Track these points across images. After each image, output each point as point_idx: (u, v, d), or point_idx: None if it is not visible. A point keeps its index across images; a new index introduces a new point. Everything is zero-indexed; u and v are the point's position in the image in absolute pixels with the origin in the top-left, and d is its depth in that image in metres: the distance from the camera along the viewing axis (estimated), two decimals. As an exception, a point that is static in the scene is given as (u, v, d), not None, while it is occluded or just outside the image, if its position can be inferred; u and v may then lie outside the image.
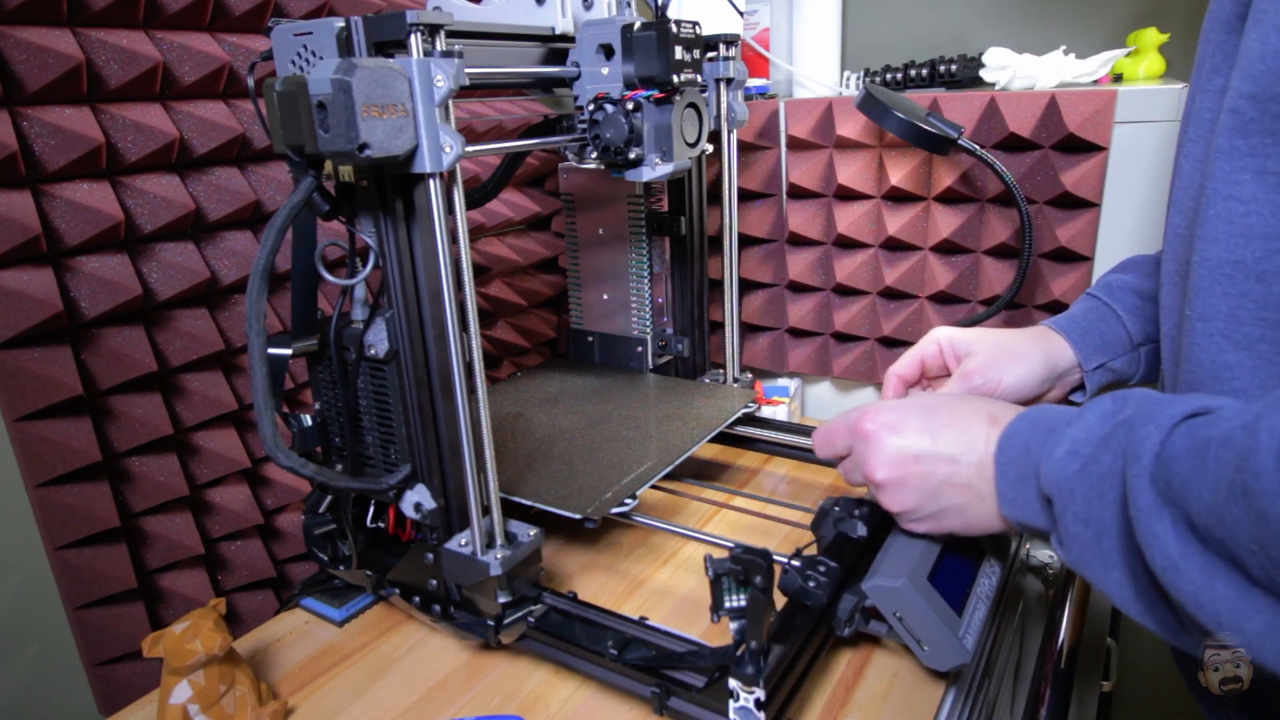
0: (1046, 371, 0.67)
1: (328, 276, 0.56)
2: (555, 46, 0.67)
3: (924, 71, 0.98)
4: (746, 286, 1.08)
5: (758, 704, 0.51)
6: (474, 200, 0.82)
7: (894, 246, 0.96)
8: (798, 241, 1.02)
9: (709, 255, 0.93)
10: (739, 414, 0.85)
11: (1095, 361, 0.68)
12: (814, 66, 1.03)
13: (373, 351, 0.59)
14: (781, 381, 1.09)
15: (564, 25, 0.67)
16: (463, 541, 0.60)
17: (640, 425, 0.82)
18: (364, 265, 0.57)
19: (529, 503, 0.68)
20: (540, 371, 0.99)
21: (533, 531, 0.61)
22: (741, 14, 0.84)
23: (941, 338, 0.69)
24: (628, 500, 0.67)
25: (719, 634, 0.63)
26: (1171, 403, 0.39)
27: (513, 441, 0.80)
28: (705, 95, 0.73)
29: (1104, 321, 0.68)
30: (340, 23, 0.50)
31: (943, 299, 0.96)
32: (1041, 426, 0.49)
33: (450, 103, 0.51)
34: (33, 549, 0.62)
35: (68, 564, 0.63)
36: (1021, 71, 0.89)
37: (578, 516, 0.66)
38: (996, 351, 0.67)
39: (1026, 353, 0.66)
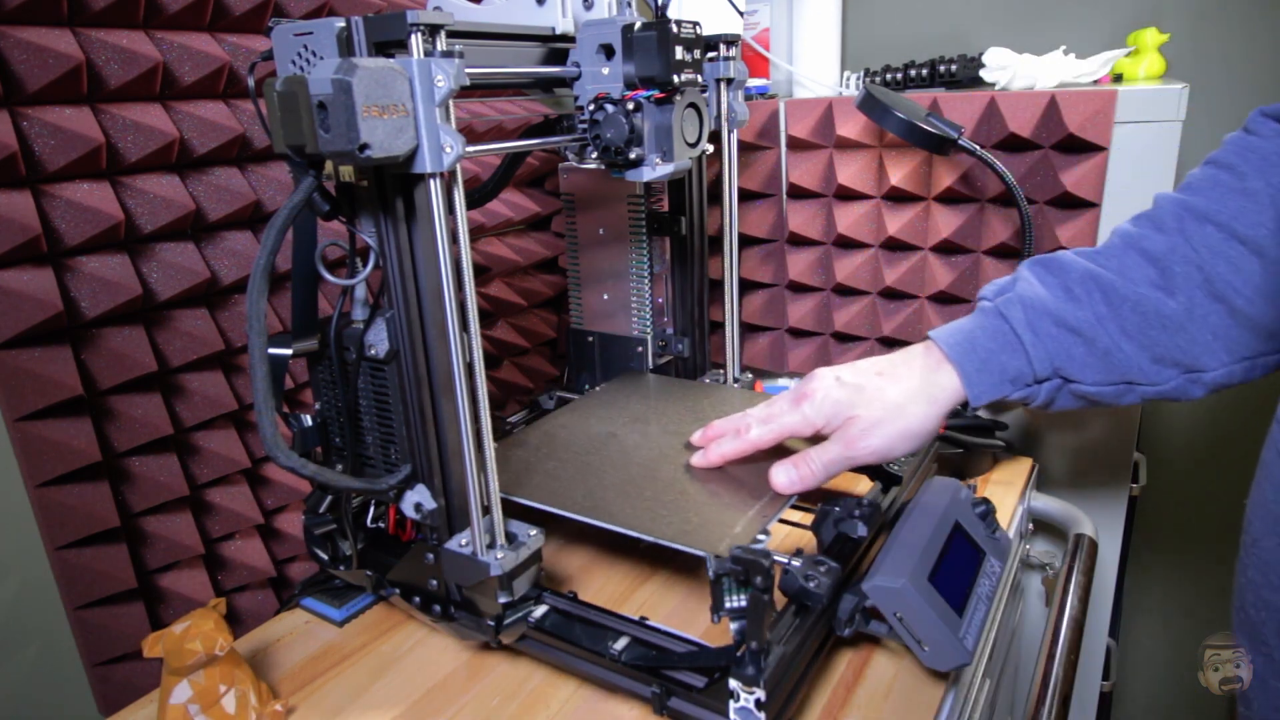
0: (936, 425, 0.64)
1: (328, 276, 0.56)
2: (555, 46, 0.67)
3: (924, 71, 0.98)
4: (746, 286, 1.08)
5: (758, 704, 0.51)
6: (474, 200, 0.82)
7: (894, 246, 0.96)
8: (798, 241, 1.02)
9: (709, 255, 0.93)
10: None
11: (985, 400, 0.63)
12: (814, 66, 1.03)
13: (373, 351, 0.59)
14: (781, 381, 1.09)
15: (564, 25, 0.67)
16: (463, 542, 0.60)
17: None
18: (364, 265, 0.57)
19: (651, 539, 0.61)
20: (622, 385, 0.92)
21: (533, 532, 0.61)
22: (741, 14, 0.84)
23: (816, 419, 0.65)
24: (760, 536, 0.60)
25: (719, 634, 0.63)
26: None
27: (612, 467, 0.72)
28: (705, 95, 0.72)
29: (1008, 352, 0.62)
30: (340, 23, 0.50)
31: (943, 299, 0.96)
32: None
33: (450, 103, 0.50)
34: (33, 549, 0.62)
35: (68, 564, 0.63)
36: (1021, 71, 0.89)
37: (711, 555, 0.58)
38: (880, 418, 0.63)
39: (915, 416, 0.63)
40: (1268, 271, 0.56)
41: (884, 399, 0.63)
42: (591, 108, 0.67)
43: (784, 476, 0.65)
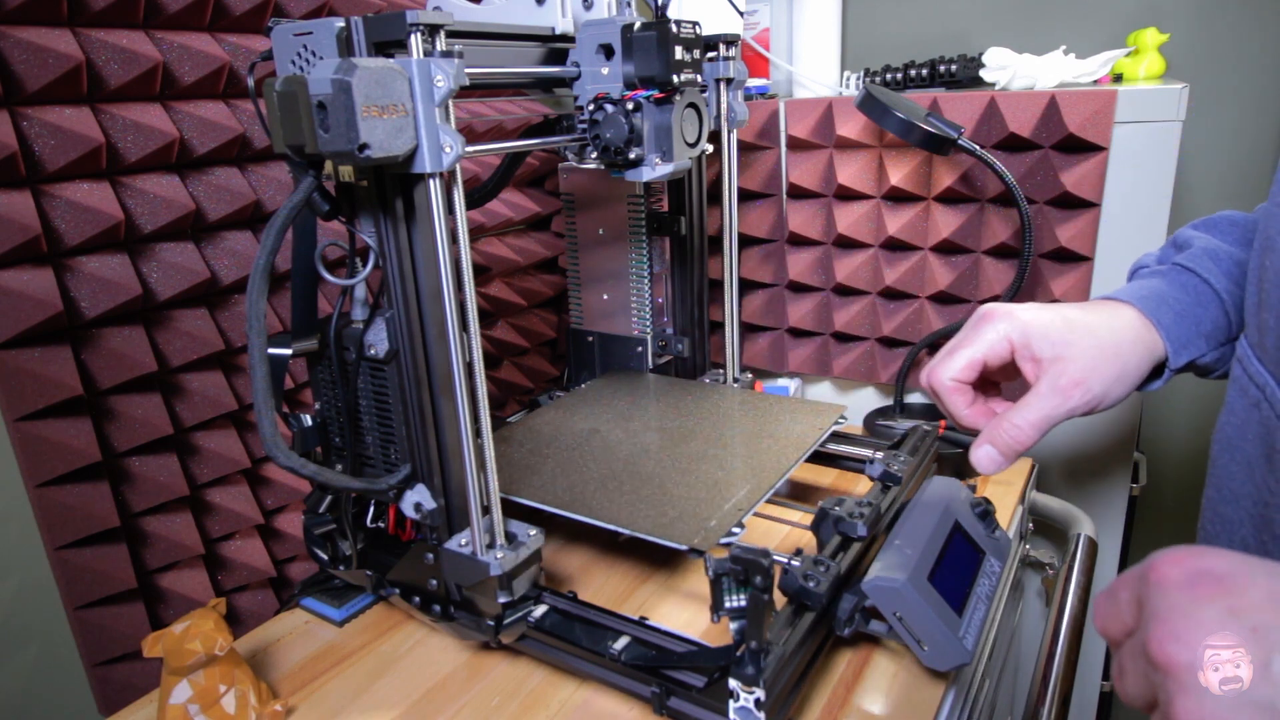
0: (1145, 374, 0.55)
1: (328, 276, 0.56)
2: (555, 46, 0.67)
3: (924, 71, 0.98)
4: (746, 286, 1.08)
5: (758, 704, 0.51)
6: (474, 200, 0.82)
7: (894, 246, 0.96)
8: (798, 241, 1.02)
9: (709, 255, 0.93)
10: (829, 432, 0.78)
11: (1185, 358, 0.54)
12: (814, 66, 1.03)
13: (373, 351, 0.59)
14: (781, 381, 1.09)
15: (564, 25, 0.67)
16: (463, 541, 0.60)
17: (727, 444, 0.76)
18: (364, 265, 0.57)
19: (629, 532, 0.62)
20: (607, 382, 0.93)
21: (533, 531, 0.61)
22: (741, 14, 0.84)
23: (1014, 334, 0.54)
24: (735, 530, 0.61)
25: (719, 634, 0.63)
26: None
27: (594, 462, 0.74)
28: (705, 95, 0.72)
29: (1203, 305, 0.54)
30: (340, 23, 0.50)
31: (943, 299, 0.96)
32: None
33: (450, 103, 0.51)
34: (33, 549, 0.62)
35: (68, 564, 0.63)
36: (1021, 71, 0.89)
37: (684, 548, 0.60)
38: (1096, 357, 0.53)
39: (1131, 358, 0.53)
40: None
41: (1099, 337, 0.53)
42: (591, 108, 0.67)
43: (986, 457, 0.54)
